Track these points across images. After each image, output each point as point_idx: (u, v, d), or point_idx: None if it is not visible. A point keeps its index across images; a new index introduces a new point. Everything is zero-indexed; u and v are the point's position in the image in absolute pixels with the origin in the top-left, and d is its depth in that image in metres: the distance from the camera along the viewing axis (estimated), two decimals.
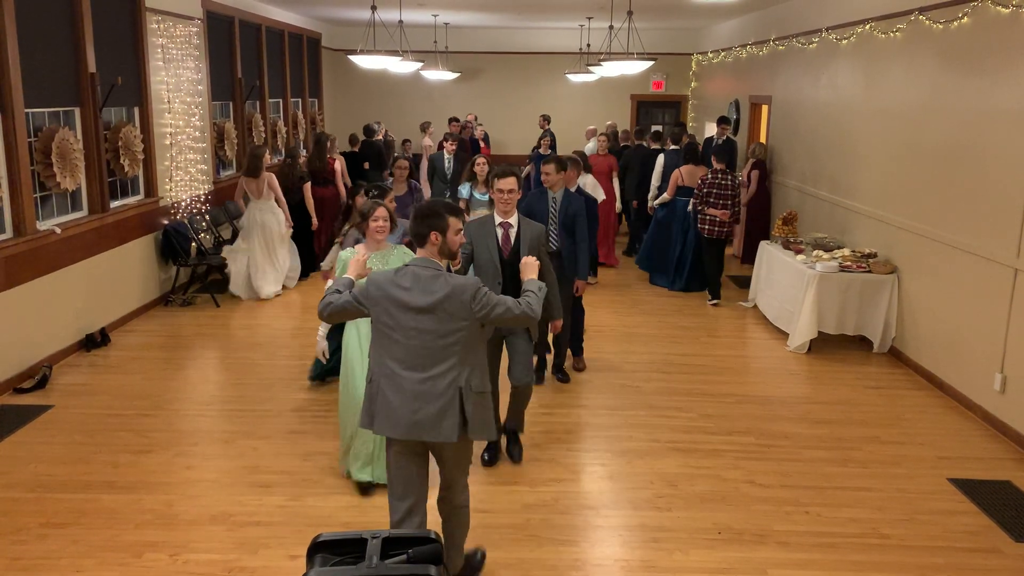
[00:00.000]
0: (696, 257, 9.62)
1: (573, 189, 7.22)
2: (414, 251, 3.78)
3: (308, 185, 9.77)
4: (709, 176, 9.15)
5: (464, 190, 8.58)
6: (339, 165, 10.65)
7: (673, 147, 10.53)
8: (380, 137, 13.40)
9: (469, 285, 3.46)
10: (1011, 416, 5.80)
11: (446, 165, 10.18)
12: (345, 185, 10.66)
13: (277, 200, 9.23)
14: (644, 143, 11.63)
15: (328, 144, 10.42)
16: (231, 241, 10.19)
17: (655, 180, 10.44)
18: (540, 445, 5.52)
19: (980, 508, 4.81)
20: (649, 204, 10.50)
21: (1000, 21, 6.07)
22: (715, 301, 9.23)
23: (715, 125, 12.54)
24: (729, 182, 9.08)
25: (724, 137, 12.05)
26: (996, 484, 5.12)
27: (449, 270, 3.64)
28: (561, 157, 6.93)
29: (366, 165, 12.42)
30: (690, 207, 9.59)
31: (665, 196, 9.88)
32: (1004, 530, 4.59)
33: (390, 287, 3.48)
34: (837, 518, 4.65)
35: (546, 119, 14.77)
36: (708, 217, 9.10)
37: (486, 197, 8.07)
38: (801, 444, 5.64)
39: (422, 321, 3.44)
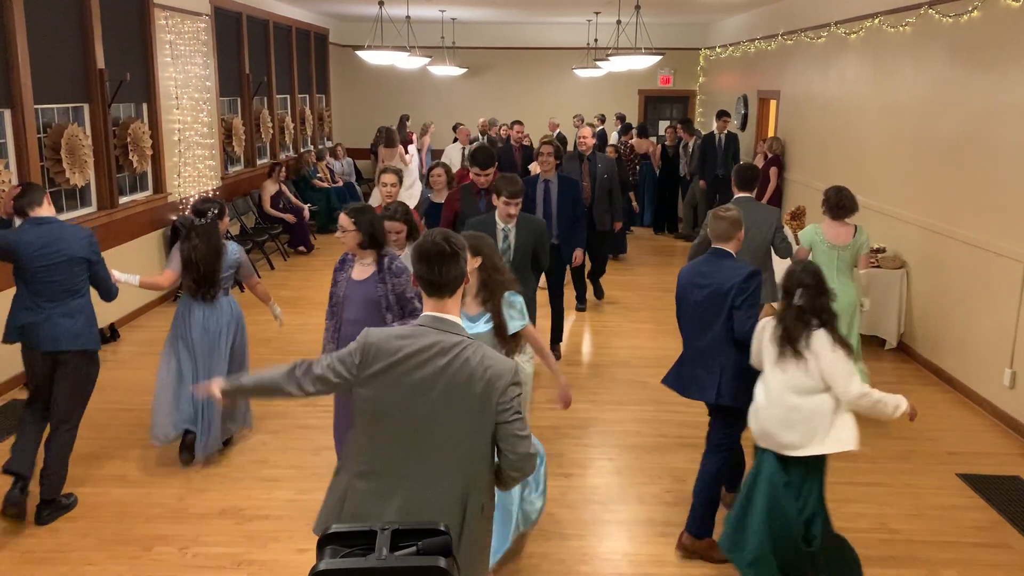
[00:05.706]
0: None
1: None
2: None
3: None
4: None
5: None
6: (414, 137, 13.93)
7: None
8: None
9: (506, 368, 2.49)
10: (1020, 411, 5.78)
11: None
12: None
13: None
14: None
15: (407, 123, 13.96)
16: (238, 238, 10.22)
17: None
18: (548, 440, 5.52)
19: (989, 503, 4.81)
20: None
21: (1011, 14, 6.04)
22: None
23: (715, 120, 12.38)
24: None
25: (725, 132, 11.97)
26: (1005, 479, 5.12)
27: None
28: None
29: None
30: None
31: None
32: (1013, 525, 4.58)
33: (398, 352, 2.50)
34: (845, 513, 4.64)
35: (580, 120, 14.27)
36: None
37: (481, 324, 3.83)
38: None
39: (432, 402, 2.48)
